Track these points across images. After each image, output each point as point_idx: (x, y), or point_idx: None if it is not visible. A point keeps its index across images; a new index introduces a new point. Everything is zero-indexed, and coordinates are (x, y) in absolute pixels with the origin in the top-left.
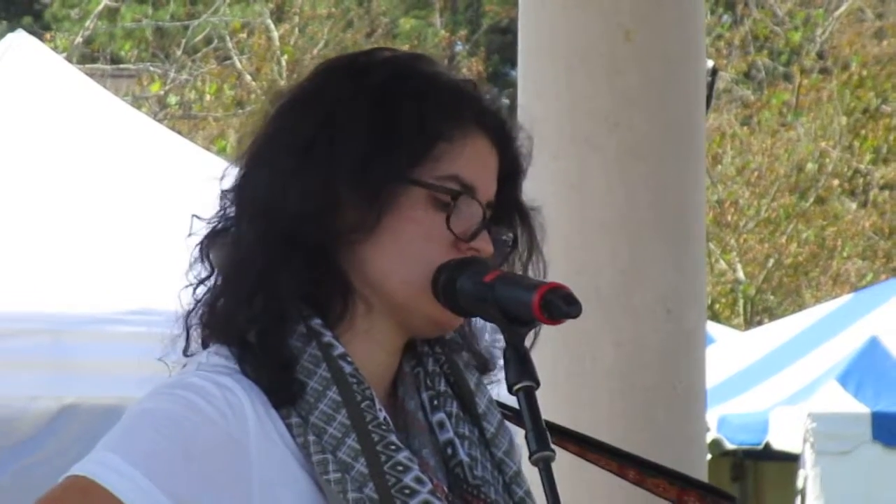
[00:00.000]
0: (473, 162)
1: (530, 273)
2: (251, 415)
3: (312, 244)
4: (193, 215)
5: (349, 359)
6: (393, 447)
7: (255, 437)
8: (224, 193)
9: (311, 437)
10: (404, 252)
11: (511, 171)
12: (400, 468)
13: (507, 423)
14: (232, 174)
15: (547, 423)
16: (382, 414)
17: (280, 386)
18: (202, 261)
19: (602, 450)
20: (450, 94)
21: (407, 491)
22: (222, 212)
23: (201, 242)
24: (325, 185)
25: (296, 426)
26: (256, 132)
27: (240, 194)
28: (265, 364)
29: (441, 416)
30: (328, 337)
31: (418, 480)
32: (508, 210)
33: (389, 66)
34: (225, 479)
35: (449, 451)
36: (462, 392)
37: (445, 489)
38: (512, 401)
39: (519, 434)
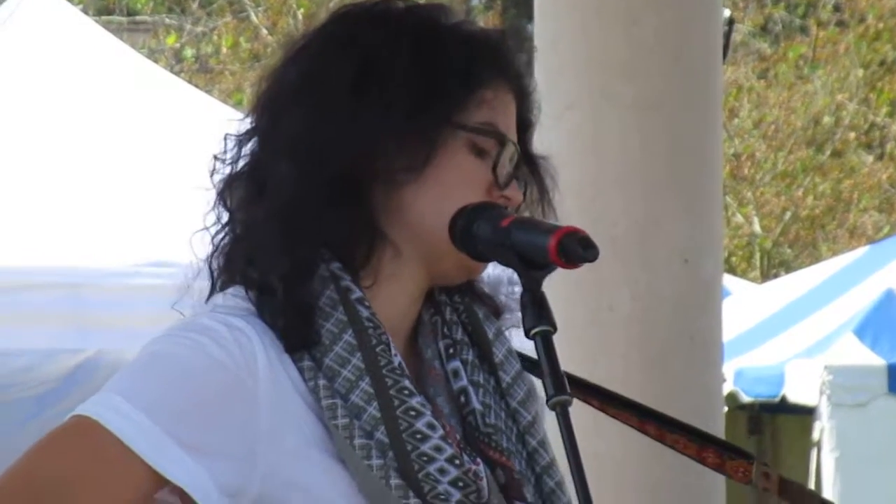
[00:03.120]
0: (504, 112)
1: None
2: (262, 358)
3: (355, 186)
4: (214, 156)
5: (367, 303)
6: (406, 392)
7: (264, 381)
8: (240, 137)
9: (322, 381)
10: (446, 195)
11: (525, 124)
12: (413, 413)
13: (527, 374)
14: (244, 123)
15: (570, 376)
16: (397, 359)
17: (295, 330)
18: (220, 205)
19: (624, 405)
20: (485, 44)
21: (419, 436)
22: (237, 157)
23: (220, 189)
24: (375, 127)
25: (307, 370)
26: (274, 77)
27: (272, 136)
28: (282, 307)
29: (456, 364)
30: (346, 281)
31: (430, 426)
32: (522, 162)
33: (418, 14)
34: (231, 422)
35: (462, 398)
36: (479, 341)
37: (458, 437)
38: (532, 351)
39: (540, 385)
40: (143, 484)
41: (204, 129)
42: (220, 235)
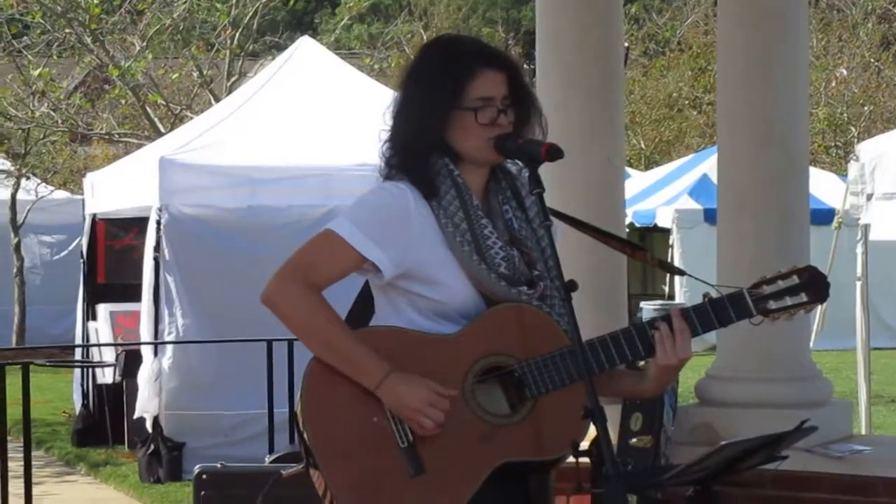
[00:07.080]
0: (488, 85)
1: (536, 121)
2: (412, 200)
3: (436, 138)
4: (380, 134)
5: (461, 177)
6: (480, 215)
7: (414, 210)
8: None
9: (441, 212)
10: (467, 136)
11: (514, 77)
12: (482, 224)
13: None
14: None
15: (568, 216)
16: (476, 201)
17: (428, 188)
18: (391, 140)
19: (596, 231)
20: (471, 55)
21: (485, 234)
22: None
23: (389, 129)
24: (427, 114)
25: (434, 207)
26: (400, 78)
27: (402, 105)
28: (421, 179)
29: (507, 207)
30: (451, 166)
31: (490, 231)
32: (521, 96)
33: (439, 49)
34: (398, 229)
35: (510, 223)
36: (518, 198)
37: (506, 239)
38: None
39: (559, 225)
40: (355, 260)
41: (381, 101)
42: (389, 151)
